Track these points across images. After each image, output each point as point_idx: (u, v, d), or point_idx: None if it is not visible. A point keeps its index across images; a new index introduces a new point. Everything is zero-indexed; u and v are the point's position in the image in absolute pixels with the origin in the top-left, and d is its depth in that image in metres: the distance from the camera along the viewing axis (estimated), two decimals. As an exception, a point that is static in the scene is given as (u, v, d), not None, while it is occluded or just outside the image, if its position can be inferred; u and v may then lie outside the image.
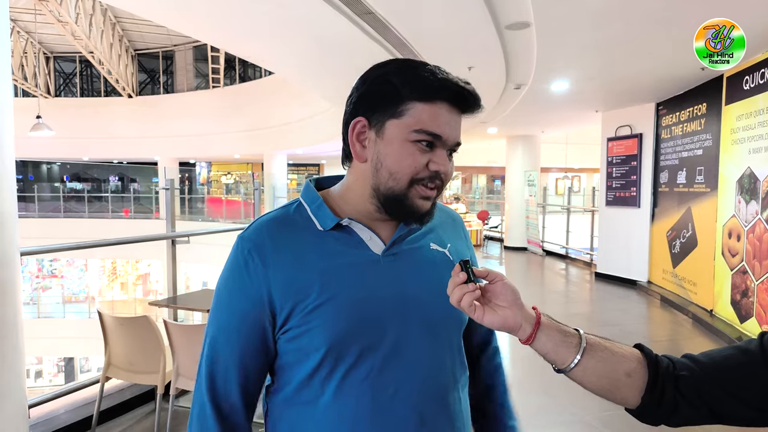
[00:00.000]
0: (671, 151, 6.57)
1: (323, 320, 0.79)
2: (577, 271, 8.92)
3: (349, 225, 0.84)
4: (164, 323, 2.65)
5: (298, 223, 0.85)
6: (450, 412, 0.87)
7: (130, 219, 16.94)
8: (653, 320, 6.00)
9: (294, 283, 0.80)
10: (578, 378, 0.77)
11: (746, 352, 0.75)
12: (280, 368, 0.85)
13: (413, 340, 0.83)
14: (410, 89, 0.79)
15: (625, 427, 3.12)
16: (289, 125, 14.03)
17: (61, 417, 2.84)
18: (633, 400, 0.77)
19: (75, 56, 18.16)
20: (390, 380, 0.82)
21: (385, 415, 0.81)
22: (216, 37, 6.11)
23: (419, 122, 0.79)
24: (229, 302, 0.84)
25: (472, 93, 0.81)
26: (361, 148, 0.83)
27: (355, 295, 0.81)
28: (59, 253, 15.18)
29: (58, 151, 17.81)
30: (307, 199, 0.87)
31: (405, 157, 0.80)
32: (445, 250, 0.85)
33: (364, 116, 0.82)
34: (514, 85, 5.94)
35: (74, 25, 11.79)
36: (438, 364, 0.86)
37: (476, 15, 3.79)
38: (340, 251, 0.83)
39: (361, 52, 4.88)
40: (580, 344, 0.76)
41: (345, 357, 0.80)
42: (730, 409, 0.74)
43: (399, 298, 0.83)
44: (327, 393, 0.81)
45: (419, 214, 0.83)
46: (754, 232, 4.47)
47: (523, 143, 11.24)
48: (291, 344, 0.82)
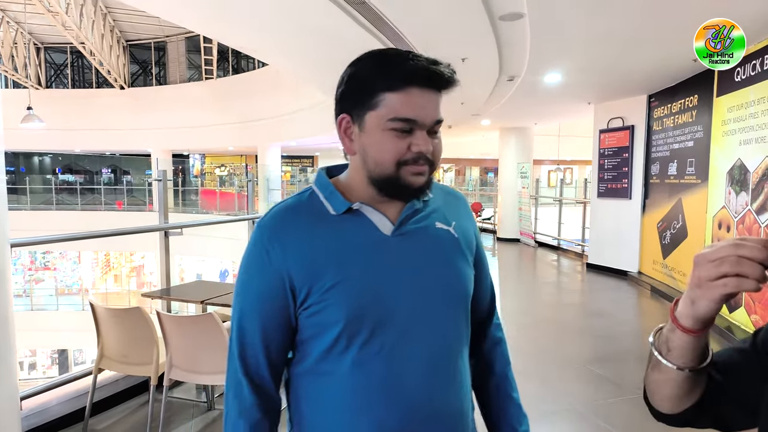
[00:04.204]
0: (663, 143, 6.61)
1: (340, 297, 0.86)
2: (569, 262, 8.98)
3: (360, 209, 0.90)
4: (157, 314, 2.66)
5: (312, 209, 0.91)
6: (457, 381, 0.93)
7: (123, 211, 16.86)
8: (643, 310, 6.06)
9: (311, 264, 0.87)
10: (681, 378, 0.72)
11: (741, 352, 0.74)
12: (301, 342, 0.92)
13: (423, 313, 0.89)
14: (380, 81, 0.84)
15: (617, 417, 3.17)
16: (282, 117, 13.97)
17: (54, 409, 2.84)
18: (689, 403, 0.74)
19: (66, 47, 17.96)
20: (402, 352, 0.87)
21: (399, 385, 0.87)
22: (208, 27, 6.06)
23: (392, 111, 0.84)
24: (252, 286, 0.91)
25: (440, 72, 0.85)
26: (349, 141, 0.90)
27: (368, 272, 0.87)
28: (52, 245, 15.13)
29: (50, 142, 17.66)
30: (319, 186, 0.93)
31: (385, 145, 0.85)
32: (450, 227, 0.93)
33: (347, 113, 0.89)
34: (507, 76, 5.94)
35: (65, 16, 11.66)
36: (446, 335, 0.92)
37: (470, 6, 3.78)
38: (352, 233, 0.89)
39: (354, 43, 4.86)
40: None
41: (360, 331, 0.86)
42: (731, 415, 0.73)
43: (409, 275, 0.89)
44: (344, 365, 0.87)
45: (414, 189, 0.88)
46: (744, 222, 4.52)
47: (516, 135, 11.26)
48: (311, 319, 0.88)
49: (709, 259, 0.62)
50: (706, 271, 0.62)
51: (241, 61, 17.77)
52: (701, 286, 0.63)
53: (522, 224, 10.87)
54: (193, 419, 3.02)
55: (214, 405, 3.15)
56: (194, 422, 2.98)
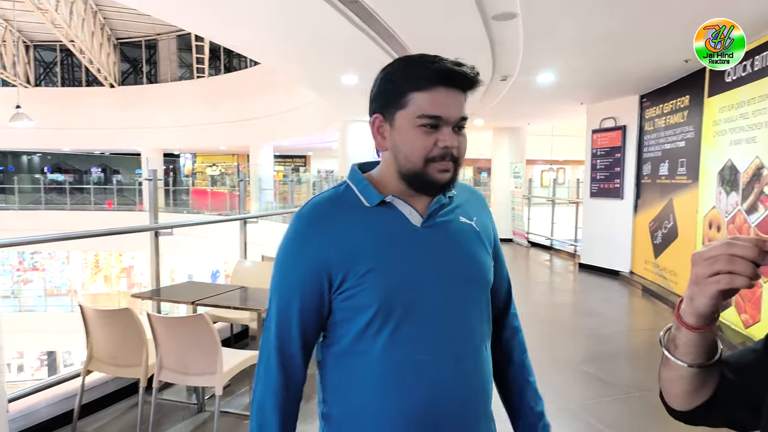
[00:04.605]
0: (654, 143, 6.64)
1: (374, 282, 0.93)
2: (562, 262, 9.01)
3: (392, 201, 0.98)
4: (147, 315, 2.63)
5: (348, 201, 0.99)
6: (480, 361, 1.01)
7: (113, 211, 16.70)
8: (635, 310, 6.09)
9: (347, 251, 0.94)
10: (690, 375, 0.73)
11: (753, 353, 0.76)
12: (334, 324, 0.99)
13: (449, 298, 0.97)
14: (409, 82, 0.93)
15: (607, 415, 3.17)
16: (275, 116, 13.91)
17: (42, 411, 2.79)
18: (700, 401, 0.76)
19: (55, 45, 17.78)
20: (431, 334, 0.95)
21: (428, 365, 0.95)
22: (200, 26, 6.02)
23: (420, 109, 0.92)
24: (290, 271, 0.98)
25: (464, 72, 0.93)
26: (382, 139, 0.99)
27: (400, 260, 0.95)
28: (41, 245, 14.97)
29: (39, 141, 17.47)
30: (354, 180, 1.01)
31: (414, 141, 0.94)
32: (472, 222, 1.04)
33: (379, 113, 0.97)
34: (500, 76, 5.95)
35: (54, 13, 11.54)
36: (470, 319, 1.00)
37: (463, 5, 3.77)
38: (385, 223, 0.97)
39: (348, 42, 4.84)
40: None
41: (392, 314, 0.93)
42: (740, 415, 0.74)
43: (436, 263, 0.97)
44: (377, 346, 0.94)
45: (440, 185, 0.96)
46: (734, 222, 4.55)
47: (510, 135, 11.28)
48: (346, 303, 0.95)
49: (704, 257, 0.65)
50: (701, 268, 0.65)
51: (233, 59, 17.68)
52: (698, 283, 0.66)
53: (515, 224, 10.89)
54: (184, 421, 2.98)
55: (204, 407, 3.12)
56: (184, 424, 2.95)
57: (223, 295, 3.22)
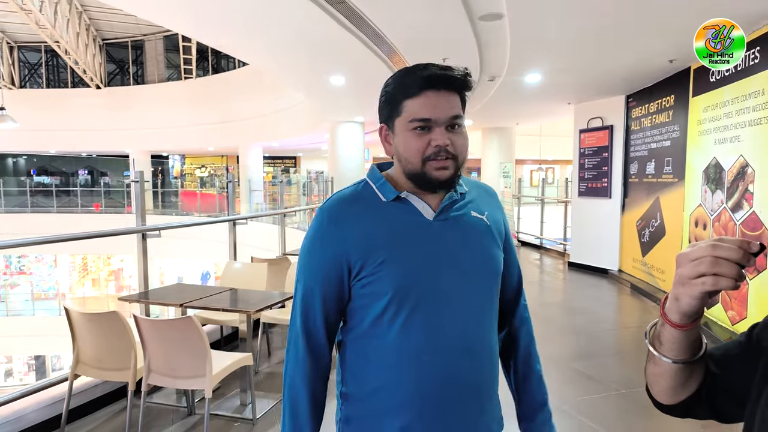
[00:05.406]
0: (641, 143, 6.71)
1: (389, 271, 1.01)
2: (551, 260, 9.07)
3: (407, 197, 1.06)
4: (134, 318, 2.61)
5: (366, 197, 1.07)
6: (489, 346, 1.09)
7: (100, 213, 16.55)
8: (623, 307, 6.15)
9: (365, 242, 1.02)
10: (674, 370, 0.75)
11: (738, 346, 0.77)
12: (353, 310, 1.07)
13: (460, 287, 1.05)
14: (401, 92, 1.02)
15: (598, 414, 3.19)
16: (264, 117, 13.85)
17: (29, 416, 2.76)
18: (686, 395, 0.78)
19: (40, 46, 17.58)
20: (444, 320, 1.03)
21: (442, 349, 1.03)
22: (187, 27, 5.98)
23: (411, 114, 1.01)
24: (314, 259, 1.06)
25: (449, 74, 1.00)
26: (388, 145, 1.09)
27: (414, 251, 1.03)
28: (27, 248, 14.78)
29: (24, 143, 17.28)
30: (372, 178, 1.10)
31: (410, 143, 1.02)
32: (483, 216, 1.10)
33: (384, 122, 1.08)
34: (488, 76, 5.97)
35: (38, 14, 11.41)
36: (479, 308, 1.07)
37: (449, 5, 3.79)
38: (400, 217, 1.05)
39: (336, 44, 4.84)
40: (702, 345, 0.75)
41: (406, 301, 1.01)
42: (726, 407, 0.75)
43: (448, 254, 1.04)
44: (393, 330, 1.02)
45: (441, 182, 1.03)
46: (720, 220, 4.60)
47: (499, 135, 11.34)
48: (364, 289, 1.03)
49: (689, 258, 0.65)
50: (686, 270, 0.65)
51: (221, 60, 17.58)
52: (683, 283, 0.66)
53: (504, 223, 10.93)
54: (173, 425, 2.96)
55: (194, 410, 3.10)
56: (174, 428, 2.93)
57: (213, 297, 3.20)
